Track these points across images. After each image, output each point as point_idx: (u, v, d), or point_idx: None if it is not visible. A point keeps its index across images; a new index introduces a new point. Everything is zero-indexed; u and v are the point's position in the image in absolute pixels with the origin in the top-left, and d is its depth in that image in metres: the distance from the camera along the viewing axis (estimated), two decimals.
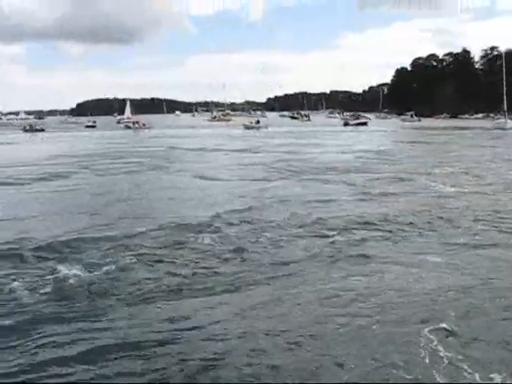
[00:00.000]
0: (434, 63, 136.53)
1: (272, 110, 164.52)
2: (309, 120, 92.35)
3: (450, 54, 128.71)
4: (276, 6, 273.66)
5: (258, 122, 68.37)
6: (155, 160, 27.08)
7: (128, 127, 69.64)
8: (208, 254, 8.85)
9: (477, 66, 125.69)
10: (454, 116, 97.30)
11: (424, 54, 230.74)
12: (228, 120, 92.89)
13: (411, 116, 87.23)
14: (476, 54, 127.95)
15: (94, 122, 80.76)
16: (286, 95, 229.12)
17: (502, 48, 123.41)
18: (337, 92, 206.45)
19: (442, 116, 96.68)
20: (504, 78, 60.96)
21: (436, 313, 6.21)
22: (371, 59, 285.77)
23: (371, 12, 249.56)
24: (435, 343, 5.39)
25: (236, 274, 7.78)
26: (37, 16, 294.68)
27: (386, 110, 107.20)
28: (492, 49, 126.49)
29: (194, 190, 16.80)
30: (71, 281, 7.48)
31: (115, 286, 7.28)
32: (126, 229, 10.77)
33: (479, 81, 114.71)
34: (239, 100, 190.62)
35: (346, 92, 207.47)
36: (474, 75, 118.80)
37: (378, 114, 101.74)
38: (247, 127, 64.71)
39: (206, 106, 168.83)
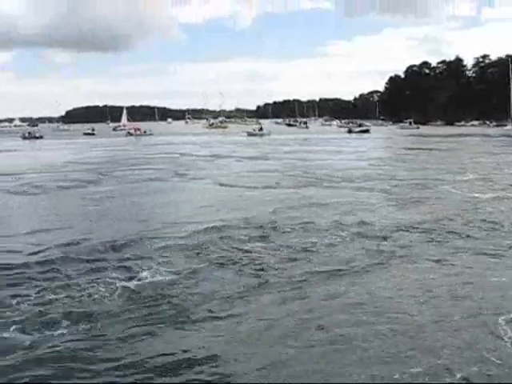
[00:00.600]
0: (427, 71, 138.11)
1: (265, 117, 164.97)
2: (307, 127, 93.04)
3: (443, 61, 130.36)
4: (264, 14, 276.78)
5: (261, 129, 69.11)
6: (173, 166, 27.54)
7: (130, 134, 69.97)
8: (270, 255, 9.33)
9: (469, 74, 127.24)
10: (449, 123, 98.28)
11: (411, 61, 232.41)
12: (225, 127, 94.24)
13: (410, 123, 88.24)
14: (466, 62, 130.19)
15: (93, 129, 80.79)
16: (275, 102, 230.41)
17: (493, 56, 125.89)
18: (326, 100, 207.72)
19: (438, 123, 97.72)
20: (511, 86, 61.25)
21: (506, 304, 6.77)
22: (359, 66, 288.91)
23: (358, 20, 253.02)
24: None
25: (303, 273, 8.27)
26: (24, 24, 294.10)
27: (382, 118, 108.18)
28: (484, 57, 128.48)
29: (226, 196, 17.23)
30: (148, 284, 7.81)
31: (195, 289, 7.64)
32: (178, 232, 11.24)
33: (472, 89, 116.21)
34: (229, 107, 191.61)
35: (335, 99, 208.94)
36: (466, 83, 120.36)
37: (374, 122, 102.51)
38: (250, 134, 65.25)
39: (197, 114, 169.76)
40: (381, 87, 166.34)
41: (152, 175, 24.09)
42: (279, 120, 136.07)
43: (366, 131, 71.78)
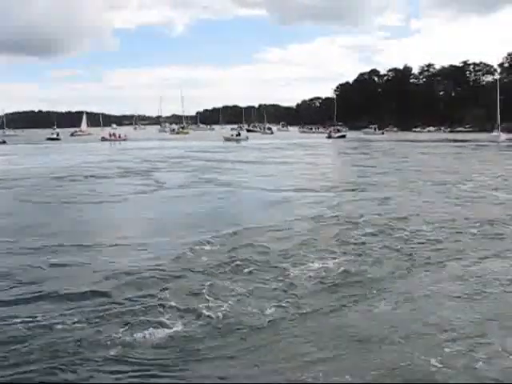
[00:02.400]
0: (376, 78, 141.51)
1: (204, 123, 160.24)
2: (272, 133, 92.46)
3: (393, 69, 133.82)
4: (199, 20, 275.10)
5: (238, 134, 68.56)
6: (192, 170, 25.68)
7: (104, 139, 66.51)
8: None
9: (418, 82, 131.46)
10: (405, 129, 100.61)
11: (344, 68, 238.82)
12: (186, 133, 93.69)
13: (374, 129, 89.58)
14: (413, 71, 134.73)
15: (58, 134, 75.81)
16: (214, 109, 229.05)
17: (438, 65, 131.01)
18: (266, 105, 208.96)
19: (394, 129, 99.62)
20: (498, 95, 63.34)
21: None
22: (295, 73, 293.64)
23: (293, 28, 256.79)
24: None
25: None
26: None
27: (340, 124, 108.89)
28: (428, 66, 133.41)
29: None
30: None
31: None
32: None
33: (419, 96, 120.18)
34: (165, 114, 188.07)
35: (275, 105, 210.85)
36: (414, 90, 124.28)
37: (333, 128, 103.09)
38: (227, 139, 64.35)
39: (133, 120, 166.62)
40: (321, 93, 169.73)
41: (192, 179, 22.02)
42: (235, 126, 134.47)
43: (343, 136, 72.40)
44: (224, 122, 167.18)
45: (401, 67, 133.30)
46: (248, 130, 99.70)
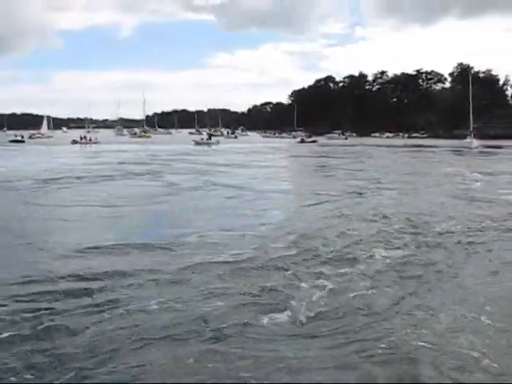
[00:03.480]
0: (332, 85, 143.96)
1: (153, 127, 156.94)
2: (235, 137, 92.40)
3: (349, 76, 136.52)
4: (147, 23, 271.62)
5: (209, 138, 67.94)
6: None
7: (75, 142, 64.21)
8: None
9: (372, 89, 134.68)
10: (364, 135, 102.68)
11: (289, 74, 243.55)
12: (148, 137, 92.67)
13: (339, 134, 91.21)
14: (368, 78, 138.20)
15: (22, 136, 72.55)
16: (163, 112, 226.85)
17: (390, 73, 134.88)
18: (215, 110, 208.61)
19: (353, 134, 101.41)
20: (470, 102, 65.69)
21: None
22: (242, 79, 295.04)
23: (240, 33, 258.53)
24: None
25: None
26: None
27: (300, 129, 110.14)
28: (382, 73, 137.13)
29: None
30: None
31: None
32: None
33: (374, 102, 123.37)
34: (111, 117, 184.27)
35: (224, 110, 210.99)
36: (369, 97, 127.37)
37: (294, 133, 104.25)
38: (198, 143, 63.59)
39: (80, 123, 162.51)
40: (268, 99, 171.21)
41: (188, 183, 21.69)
42: (193, 130, 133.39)
43: (315, 141, 73.31)
44: (177, 126, 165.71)
45: (356, 74, 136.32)
46: (209, 135, 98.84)
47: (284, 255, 8.78)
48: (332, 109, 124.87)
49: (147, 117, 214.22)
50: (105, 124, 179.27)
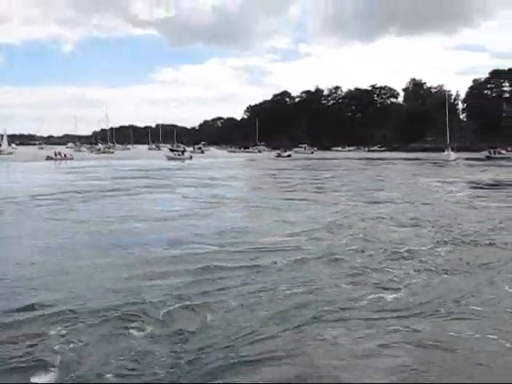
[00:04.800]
0: (288, 100, 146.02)
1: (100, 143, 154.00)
2: (202, 152, 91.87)
3: (306, 91, 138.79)
4: (90, 38, 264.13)
5: (183, 152, 67.04)
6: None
7: (50, 158, 61.63)
8: None
9: (328, 104, 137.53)
10: (325, 149, 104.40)
11: (235, 89, 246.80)
12: (112, 153, 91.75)
13: (304, 148, 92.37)
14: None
15: None
16: (112, 128, 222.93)
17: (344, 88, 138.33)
18: (163, 125, 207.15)
19: (315, 148, 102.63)
20: (447, 119, 68.10)
21: None
22: (188, 94, 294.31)
23: (186, 49, 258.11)
24: None
25: None
26: None
27: (262, 143, 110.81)
28: (336, 88, 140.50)
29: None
30: None
31: None
32: None
33: (330, 117, 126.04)
34: (57, 133, 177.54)
35: (172, 126, 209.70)
36: (325, 111, 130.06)
37: (257, 148, 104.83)
38: (171, 158, 62.84)
39: (25, 140, 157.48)
40: (216, 114, 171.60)
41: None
42: (153, 146, 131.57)
43: (290, 155, 74.25)
44: (133, 141, 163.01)
45: (310, 88, 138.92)
46: (171, 150, 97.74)
47: None
48: (289, 123, 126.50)
49: (94, 132, 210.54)
50: (50, 141, 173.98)
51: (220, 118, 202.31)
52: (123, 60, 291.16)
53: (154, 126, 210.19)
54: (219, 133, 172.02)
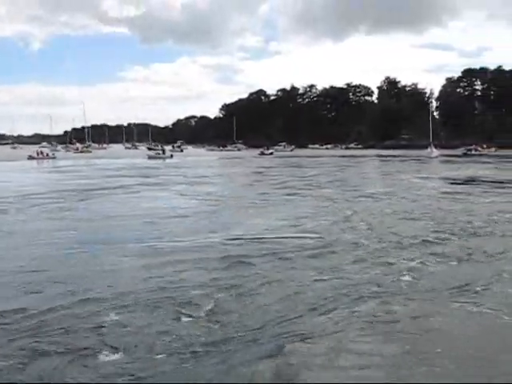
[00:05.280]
0: (263, 98, 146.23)
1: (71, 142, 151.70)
2: (182, 151, 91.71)
3: (282, 90, 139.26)
4: (59, 36, 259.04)
5: (164, 151, 67.14)
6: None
7: (32, 158, 60.65)
8: None
9: (303, 102, 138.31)
10: (302, 146, 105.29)
11: (205, 88, 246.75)
12: (89, 152, 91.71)
13: (284, 146, 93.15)
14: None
15: None
16: (83, 127, 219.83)
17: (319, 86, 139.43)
18: (135, 124, 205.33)
19: (292, 146, 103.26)
20: (430, 115, 69.54)
21: None
22: (160, 92, 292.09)
23: (156, 46, 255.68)
24: None
25: None
26: None
27: (240, 142, 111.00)
28: (311, 86, 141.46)
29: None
30: None
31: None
32: None
33: (306, 115, 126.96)
34: (26, 133, 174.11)
35: (145, 124, 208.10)
36: (300, 109, 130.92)
37: (237, 146, 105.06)
38: (151, 157, 63.12)
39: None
40: (188, 112, 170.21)
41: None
42: (129, 145, 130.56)
43: (272, 153, 74.90)
44: (108, 140, 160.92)
45: (287, 87, 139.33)
46: (149, 149, 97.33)
47: None
48: (265, 122, 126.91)
49: (66, 132, 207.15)
50: (19, 140, 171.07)
51: (193, 117, 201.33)
52: (93, 58, 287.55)
53: (126, 124, 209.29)
54: (193, 132, 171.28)
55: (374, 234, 11.75)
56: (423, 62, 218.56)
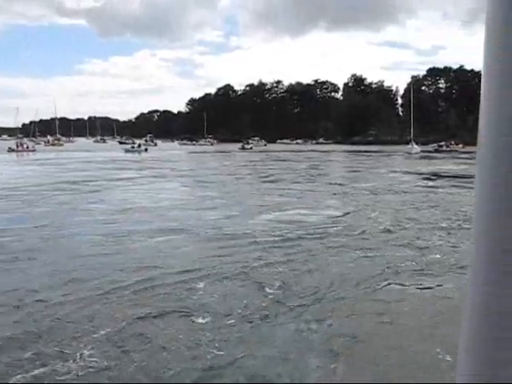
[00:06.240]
0: (231, 93, 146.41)
1: (28, 136, 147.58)
2: (156, 145, 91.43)
3: (250, 85, 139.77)
4: (14, 27, 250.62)
5: (139, 145, 67.72)
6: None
7: (12, 150, 59.21)
8: None
9: (270, 98, 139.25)
10: (272, 141, 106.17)
11: (164, 82, 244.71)
12: (61, 145, 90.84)
13: (257, 141, 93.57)
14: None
15: None
16: (41, 120, 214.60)
17: (286, 82, 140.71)
18: (97, 118, 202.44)
19: (263, 141, 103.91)
20: (412, 112, 71.15)
21: None
22: (119, 86, 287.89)
23: (115, 39, 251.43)
24: None
25: None
26: None
27: (210, 136, 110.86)
28: (278, 82, 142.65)
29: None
30: None
31: None
32: None
33: (273, 110, 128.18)
34: None
35: (106, 118, 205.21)
36: (268, 105, 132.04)
37: (210, 141, 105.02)
38: (128, 150, 63.32)
39: None
40: (151, 106, 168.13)
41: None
42: (98, 138, 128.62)
43: (251, 148, 76.63)
44: (73, 134, 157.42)
45: (255, 83, 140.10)
46: (120, 143, 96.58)
47: None
48: (233, 116, 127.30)
49: (23, 125, 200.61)
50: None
51: (156, 111, 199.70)
52: (49, 50, 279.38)
53: (86, 118, 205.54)
54: (157, 126, 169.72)
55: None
56: (381, 60, 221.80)
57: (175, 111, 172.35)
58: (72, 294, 6.90)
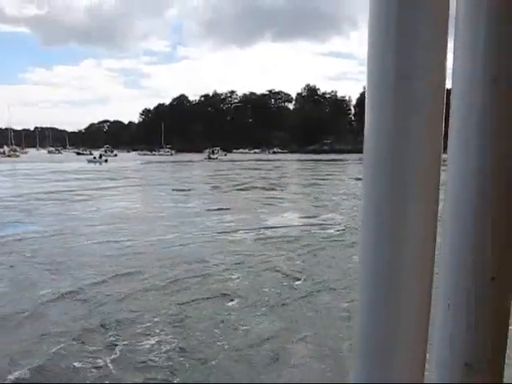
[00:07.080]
0: (186, 103, 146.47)
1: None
2: (116, 155, 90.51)
3: (204, 95, 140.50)
4: None
5: (100, 156, 68.45)
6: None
7: None
8: None
9: (224, 108, 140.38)
10: (229, 151, 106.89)
11: (112, 91, 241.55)
12: (17, 156, 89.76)
13: (218, 151, 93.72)
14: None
15: None
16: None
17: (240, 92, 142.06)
18: (42, 128, 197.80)
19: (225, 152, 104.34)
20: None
21: None
22: (63, 95, 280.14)
23: (58, 48, 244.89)
24: None
25: None
26: None
27: (168, 146, 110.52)
28: (232, 92, 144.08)
29: None
30: None
31: None
32: None
33: (227, 120, 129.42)
34: None
35: (53, 129, 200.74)
36: (223, 114, 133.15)
37: (169, 151, 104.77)
38: (90, 161, 63.02)
39: None
40: (98, 117, 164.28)
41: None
42: (52, 148, 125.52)
43: (217, 158, 77.86)
44: (24, 145, 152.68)
45: (209, 93, 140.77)
46: (78, 153, 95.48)
47: None
48: (188, 126, 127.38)
49: None
50: None
51: (106, 121, 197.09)
52: None
53: (32, 128, 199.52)
54: (109, 136, 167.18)
55: None
56: (328, 70, 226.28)
57: (125, 121, 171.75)
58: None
